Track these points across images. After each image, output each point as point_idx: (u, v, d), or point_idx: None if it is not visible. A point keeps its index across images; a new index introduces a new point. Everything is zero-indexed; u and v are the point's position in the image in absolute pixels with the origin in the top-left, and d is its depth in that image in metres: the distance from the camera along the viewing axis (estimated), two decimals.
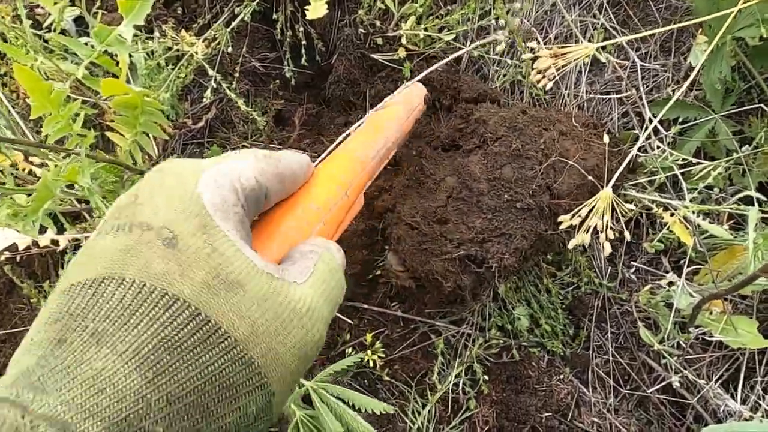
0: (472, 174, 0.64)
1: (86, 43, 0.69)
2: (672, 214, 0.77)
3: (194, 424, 0.25)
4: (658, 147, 0.81)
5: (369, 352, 0.81)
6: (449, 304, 0.79)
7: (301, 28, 0.87)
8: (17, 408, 0.22)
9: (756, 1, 0.68)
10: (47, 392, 0.22)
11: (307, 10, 0.77)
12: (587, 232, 0.61)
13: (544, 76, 0.63)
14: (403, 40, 0.80)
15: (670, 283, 0.78)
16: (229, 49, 0.81)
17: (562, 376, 0.81)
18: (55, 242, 0.74)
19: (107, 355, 0.24)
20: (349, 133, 0.58)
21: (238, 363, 0.27)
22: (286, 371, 0.29)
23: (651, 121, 0.83)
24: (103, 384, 0.23)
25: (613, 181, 0.65)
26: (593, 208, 0.61)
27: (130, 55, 0.75)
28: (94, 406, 0.23)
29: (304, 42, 0.87)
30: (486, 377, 0.80)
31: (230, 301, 0.27)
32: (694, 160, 0.80)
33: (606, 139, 0.69)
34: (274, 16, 0.87)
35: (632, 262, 0.83)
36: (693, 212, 0.76)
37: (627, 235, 0.65)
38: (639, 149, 0.85)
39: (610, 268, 0.83)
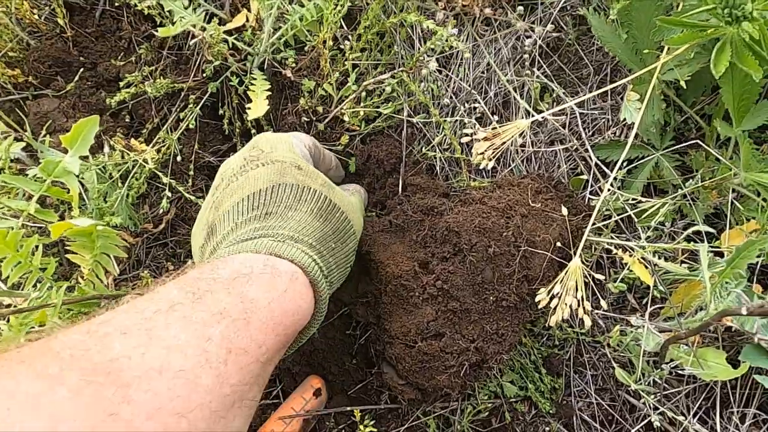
0: (454, 284, 0.66)
1: (35, 176, 0.70)
2: (631, 255, 0.79)
3: (334, 246, 0.57)
4: (609, 189, 0.83)
5: (361, 427, 0.82)
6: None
7: (249, 118, 0.88)
8: (268, 238, 0.51)
9: (676, 53, 0.72)
10: (279, 229, 0.52)
11: (249, 108, 0.79)
12: (566, 307, 0.63)
13: (484, 158, 0.65)
14: (346, 118, 0.82)
15: (634, 324, 0.79)
16: (179, 158, 0.83)
17: (548, 428, 0.82)
18: None
19: (300, 213, 0.55)
20: None
21: (346, 223, 0.60)
22: (359, 231, 0.65)
23: (597, 166, 0.86)
24: (305, 225, 0.54)
25: (579, 252, 0.67)
26: (565, 282, 0.63)
27: (81, 178, 0.77)
28: (304, 232, 0.53)
29: (254, 131, 0.88)
30: None
31: (335, 192, 0.60)
32: (643, 199, 0.83)
33: (564, 211, 0.73)
34: (221, 111, 0.89)
35: (598, 305, 0.84)
36: (649, 252, 0.78)
37: (603, 304, 0.69)
38: (590, 193, 0.87)
39: None
